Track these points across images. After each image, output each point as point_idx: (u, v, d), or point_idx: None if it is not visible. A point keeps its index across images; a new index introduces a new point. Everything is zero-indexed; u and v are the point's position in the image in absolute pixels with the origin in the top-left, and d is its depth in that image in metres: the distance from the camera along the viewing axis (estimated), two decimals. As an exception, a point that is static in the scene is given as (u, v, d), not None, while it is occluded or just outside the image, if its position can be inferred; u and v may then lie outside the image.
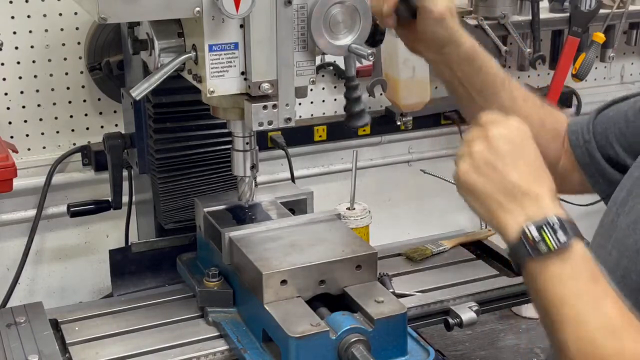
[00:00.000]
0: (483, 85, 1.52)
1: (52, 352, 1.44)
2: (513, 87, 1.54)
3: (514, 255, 1.15)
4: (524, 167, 1.19)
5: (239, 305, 1.55)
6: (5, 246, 2.10)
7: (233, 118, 1.50)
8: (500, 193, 1.17)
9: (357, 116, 1.51)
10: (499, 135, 1.20)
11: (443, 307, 1.64)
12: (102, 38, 1.94)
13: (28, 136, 2.04)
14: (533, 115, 1.53)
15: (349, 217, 1.96)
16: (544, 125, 1.55)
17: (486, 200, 1.18)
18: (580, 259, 1.12)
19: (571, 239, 1.12)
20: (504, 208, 1.17)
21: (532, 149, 1.21)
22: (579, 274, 1.12)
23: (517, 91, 1.55)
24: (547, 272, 1.12)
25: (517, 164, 1.18)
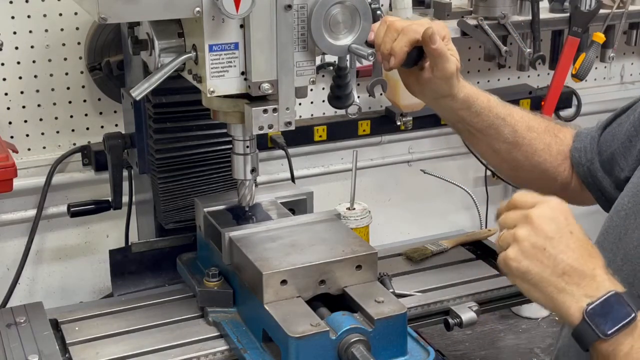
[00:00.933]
0: (483, 125, 1.55)
1: (52, 352, 1.44)
2: (516, 120, 1.56)
3: (581, 337, 1.15)
4: (574, 246, 1.18)
5: (239, 305, 1.55)
6: (5, 246, 2.10)
7: (233, 122, 1.50)
8: (555, 276, 1.16)
9: (344, 98, 1.54)
10: (542, 216, 1.18)
11: (443, 307, 1.63)
12: (102, 38, 1.95)
13: (28, 136, 2.04)
14: (537, 144, 1.57)
15: (349, 217, 1.97)
16: (550, 150, 1.58)
17: (543, 285, 1.17)
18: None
19: (634, 312, 1.13)
20: (563, 291, 1.16)
21: (576, 226, 1.20)
22: None
23: (520, 123, 1.56)
24: (617, 350, 1.13)
25: (567, 244, 1.17)
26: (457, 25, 2.24)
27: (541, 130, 1.59)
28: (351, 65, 1.51)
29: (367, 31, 1.42)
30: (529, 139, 1.57)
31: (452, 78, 1.47)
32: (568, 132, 1.62)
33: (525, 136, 1.57)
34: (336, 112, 2.36)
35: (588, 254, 1.18)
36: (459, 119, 1.56)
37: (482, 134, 1.56)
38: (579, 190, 1.60)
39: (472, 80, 2.52)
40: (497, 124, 1.54)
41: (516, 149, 1.57)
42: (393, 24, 1.43)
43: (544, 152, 1.58)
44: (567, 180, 1.60)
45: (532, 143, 1.57)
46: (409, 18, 2.21)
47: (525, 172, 1.61)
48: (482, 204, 2.52)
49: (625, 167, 1.49)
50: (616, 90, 2.76)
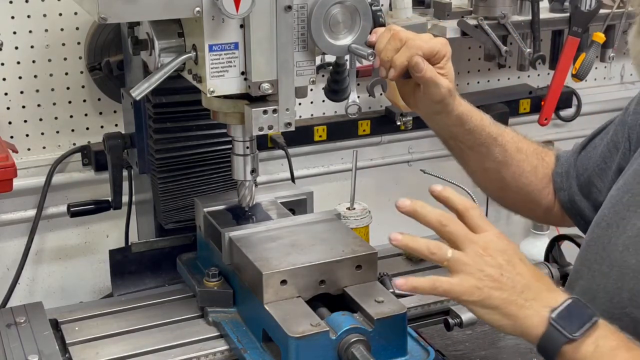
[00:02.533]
0: (475, 143, 1.55)
1: (52, 352, 1.44)
2: (507, 140, 1.57)
3: (546, 346, 1.17)
4: (525, 269, 1.22)
5: (239, 305, 1.55)
6: (5, 246, 2.10)
7: (233, 122, 1.50)
8: (515, 295, 1.19)
9: (340, 92, 1.55)
10: (491, 249, 1.22)
11: (443, 307, 1.63)
12: (102, 38, 1.95)
13: (28, 136, 2.04)
14: (525, 166, 1.59)
15: (349, 217, 1.96)
16: (536, 173, 1.60)
17: (504, 306, 1.20)
18: (610, 332, 1.16)
19: (596, 314, 1.16)
20: (523, 307, 1.19)
21: (520, 253, 1.25)
22: (615, 347, 1.15)
23: (510, 144, 1.57)
24: (584, 351, 1.15)
25: (520, 270, 1.21)
26: (457, 25, 2.24)
27: (529, 153, 1.60)
28: (351, 65, 1.51)
29: (367, 31, 1.42)
30: (518, 160, 1.58)
31: (443, 101, 1.45)
32: (550, 155, 1.64)
33: (514, 157, 1.58)
34: (336, 112, 2.36)
35: (540, 275, 1.24)
36: (452, 135, 1.56)
37: (473, 151, 1.57)
38: (561, 215, 1.62)
39: (472, 80, 2.54)
40: (489, 142, 1.55)
41: (505, 169, 1.58)
42: (397, 34, 1.40)
43: (531, 175, 1.59)
44: (551, 205, 1.62)
45: (520, 164, 1.58)
46: (409, 18, 2.21)
47: (512, 193, 1.62)
48: (482, 204, 2.52)
49: (602, 188, 1.51)
50: (616, 90, 2.76)
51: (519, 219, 2.67)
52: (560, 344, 1.16)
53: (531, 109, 2.57)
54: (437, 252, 1.23)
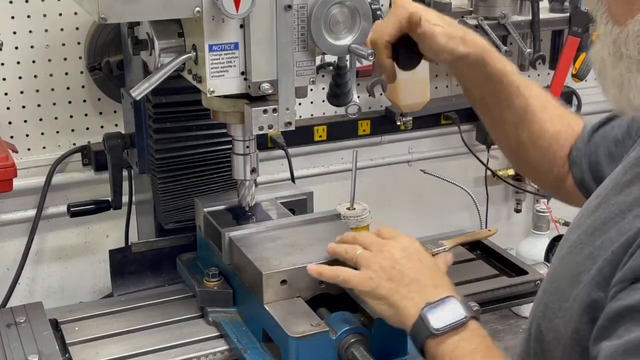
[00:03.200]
0: (494, 90, 1.46)
1: (52, 352, 1.44)
2: (532, 94, 1.47)
3: (414, 337, 1.22)
4: (420, 267, 1.29)
5: (239, 305, 1.55)
6: (5, 246, 2.10)
7: (233, 122, 1.50)
8: (401, 286, 1.26)
9: (342, 97, 1.57)
10: (394, 246, 1.32)
11: (443, 307, 1.63)
12: (102, 38, 1.94)
13: (28, 136, 2.04)
14: (548, 127, 1.49)
15: (349, 217, 1.96)
16: (557, 138, 1.50)
17: (389, 295, 1.26)
18: (475, 336, 1.19)
19: (466, 318, 1.19)
20: (406, 297, 1.25)
21: (426, 257, 1.33)
22: (474, 350, 1.17)
23: (535, 98, 1.48)
24: (444, 348, 1.18)
25: (414, 265, 1.29)
26: (457, 25, 2.24)
27: (555, 115, 1.49)
28: (351, 65, 1.51)
29: (367, 31, 1.42)
30: (540, 118, 1.48)
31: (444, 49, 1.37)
32: (581, 125, 1.51)
33: (537, 114, 1.47)
34: (336, 112, 2.36)
35: (435, 274, 1.29)
36: (471, 83, 1.47)
37: (494, 99, 1.47)
38: (572, 191, 1.51)
39: (472, 80, 2.53)
40: (509, 91, 1.45)
41: (524, 124, 1.48)
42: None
43: (552, 138, 1.49)
44: (563, 177, 1.51)
45: (542, 124, 1.48)
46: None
47: (527, 152, 1.52)
48: (482, 204, 2.52)
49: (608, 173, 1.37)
50: (616, 90, 2.75)
51: (519, 220, 2.68)
52: (425, 336, 1.19)
53: (531, 109, 2.57)
54: (350, 251, 1.36)
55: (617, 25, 1.02)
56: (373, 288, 1.28)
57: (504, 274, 1.79)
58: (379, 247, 1.33)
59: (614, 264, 0.97)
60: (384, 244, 1.33)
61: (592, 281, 0.99)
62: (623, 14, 1.00)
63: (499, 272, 1.80)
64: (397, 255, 1.30)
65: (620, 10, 1.01)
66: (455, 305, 1.21)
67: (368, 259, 1.31)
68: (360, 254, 1.34)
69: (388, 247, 1.32)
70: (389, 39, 1.37)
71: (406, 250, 1.31)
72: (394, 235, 1.37)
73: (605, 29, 1.05)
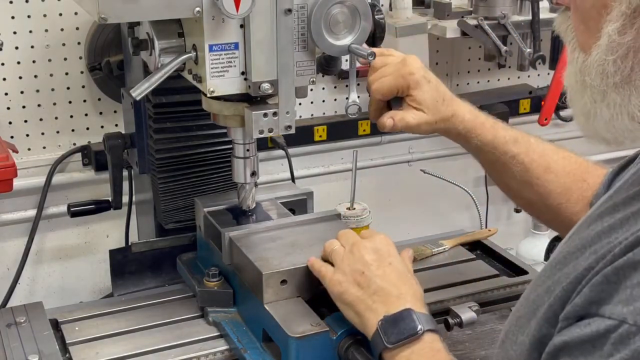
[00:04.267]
0: (488, 160, 1.49)
1: (52, 352, 1.44)
2: (531, 158, 1.47)
3: (373, 349, 1.25)
4: (389, 272, 1.30)
5: (239, 305, 1.55)
6: (5, 246, 2.10)
7: (233, 125, 1.50)
8: (367, 295, 1.28)
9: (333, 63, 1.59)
10: (365, 247, 1.33)
11: (443, 307, 1.63)
12: (102, 38, 1.94)
13: (28, 136, 2.04)
14: (554, 187, 1.47)
15: (349, 217, 1.96)
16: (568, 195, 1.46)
17: (356, 304, 1.29)
18: (428, 349, 1.21)
19: (420, 331, 1.21)
20: (369, 308, 1.27)
21: (397, 257, 1.34)
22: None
23: (536, 162, 1.47)
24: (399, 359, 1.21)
25: (383, 271, 1.30)
26: (457, 25, 2.24)
27: (561, 173, 1.47)
28: (351, 65, 1.51)
29: (367, 31, 1.43)
30: (543, 180, 1.47)
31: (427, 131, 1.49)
32: (601, 175, 1.42)
33: (539, 177, 1.47)
34: (336, 112, 2.36)
35: (402, 281, 1.30)
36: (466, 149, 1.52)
37: (490, 167, 1.52)
38: None
39: (472, 80, 2.54)
40: (504, 161, 1.47)
41: (528, 188, 1.48)
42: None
43: (561, 196, 1.46)
44: None
45: (546, 185, 1.47)
46: (409, 18, 2.21)
47: (538, 211, 1.53)
48: (482, 204, 2.52)
49: None
50: (616, 90, 2.75)
51: (519, 220, 2.68)
52: (380, 349, 1.23)
53: (531, 109, 2.56)
54: (329, 245, 1.39)
55: (583, 53, 1.02)
56: (341, 292, 1.31)
57: (504, 274, 1.79)
58: (351, 247, 1.35)
59: (563, 300, 0.95)
60: (356, 243, 1.35)
61: (544, 316, 0.98)
62: (587, 42, 1.00)
63: (499, 272, 1.80)
64: (368, 258, 1.32)
65: (584, 39, 1.02)
66: (411, 319, 1.23)
67: (341, 259, 1.34)
68: (335, 250, 1.37)
69: (360, 247, 1.34)
70: (382, 99, 1.50)
71: (378, 253, 1.33)
72: (369, 235, 1.39)
73: (572, 56, 1.05)
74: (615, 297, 0.89)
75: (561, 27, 1.11)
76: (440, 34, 2.25)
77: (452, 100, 1.49)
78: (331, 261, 1.37)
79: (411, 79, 1.46)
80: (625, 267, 0.89)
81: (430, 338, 1.22)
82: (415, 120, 1.47)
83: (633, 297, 0.87)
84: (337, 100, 2.36)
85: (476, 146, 1.49)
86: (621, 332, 0.86)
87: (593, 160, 1.51)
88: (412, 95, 1.46)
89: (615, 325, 0.87)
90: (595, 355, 0.88)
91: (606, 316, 0.89)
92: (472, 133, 1.48)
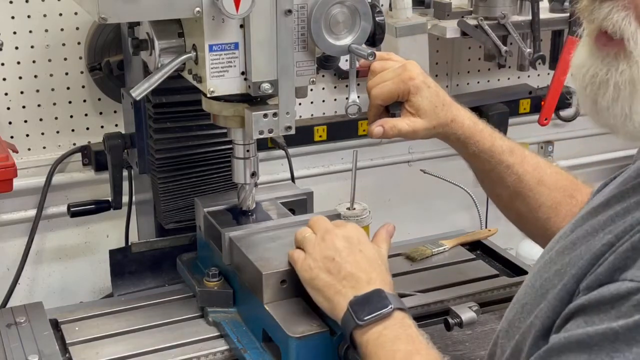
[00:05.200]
0: (483, 168, 1.51)
1: (52, 352, 1.44)
2: (525, 170, 1.48)
3: (343, 328, 1.26)
4: (359, 258, 1.32)
5: (239, 305, 1.55)
6: (5, 246, 2.10)
7: (233, 126, 1.50)
8: (337, 280, 1.30)
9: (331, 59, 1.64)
10: (337, 235, 1.35)
11: (443, 307, 1.63)
12: (102, 38, 1.95)
13: (28, 136, 2.04)
14: (544, 200, 1.49)
15: (349, 217, 1.96)
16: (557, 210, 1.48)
17: (326, 289, 1.31)
18: (399, 325, 1.23)
19: (391, 308, 1.23)
20: (339, 293, 1.28)
21: (369, 247, 1.35)
22: (396, 337, 1.21)
23: (529, 174, 1.49)
24: (369, 337, 1.22)
25: (354, 258, 1.32)
26: (457, 25, 2.24)
27: (554, 187, 1.49)
28: (351, 65, 1.51)
29: (367, 31, 1.42)
30: (536, 192, 1.49)
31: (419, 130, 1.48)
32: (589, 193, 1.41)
33: (532, 189, 1.49)
34: (336, 112, 2.36)
35: (372, 268, 1.31)
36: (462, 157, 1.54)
37: (484, 175, 1.53)
38: None
39: (472, 80, 2.54)
40: (499, 170, 1.49)
41: (519, 199, 1.50)
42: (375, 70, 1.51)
43: (550, 210, 1.48)
44: None
45: (538, 198, 1.49)
46: (409, 18, 2.21)
47: (526, 223, 1.55)
48: (482, 204, 2.52)
49: None
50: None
51: (519, 219, 2.68)
52: (351, 327, 1.24)
53: (531, 109, 2.56)
54: (300, 233, 1.40)
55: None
56: (312, 278, 1.33)
57: (504, 274, 1.79)
58: (323, 233, 1.36)
59: (579, 278, 0.95)
60: (328, 231, 1.36)
61: (557, 296, 0.97)
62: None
63: (499, 272, 1.80)
64: (339, 245, 1.33)
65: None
66: (381, 297, 1.25)
67: (312, 246, 1.35)
68: (306, 237, 1.38)
69: (332, 235, 1.35)
70: (382, 104, 1.50)
71: (349, 241, 1.34)
72: (341, 224, 1.41)
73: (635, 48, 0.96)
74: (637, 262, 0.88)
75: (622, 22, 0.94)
76: (440, 34, 2.25)
77: (452, 106, 1.50)
78: (303, 248, 1.38)
79: (411, 84, 1.47)
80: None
81: (401, 315, 1.24)
82: (410, 127, 1.48)
83: None
84: (337, 100, 2.36)
85: (473, 153, 1.49)
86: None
87: (581, 179, 1.53)
88: (410, 101, 1.47)
89: (638, 287, 0.86)
90: (611, 315, 0.87)
91: (628, 279, 0.88)
92: (471, 139, 1.49)
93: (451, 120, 1.48)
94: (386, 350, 1.19)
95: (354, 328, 1.24)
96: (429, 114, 1.47)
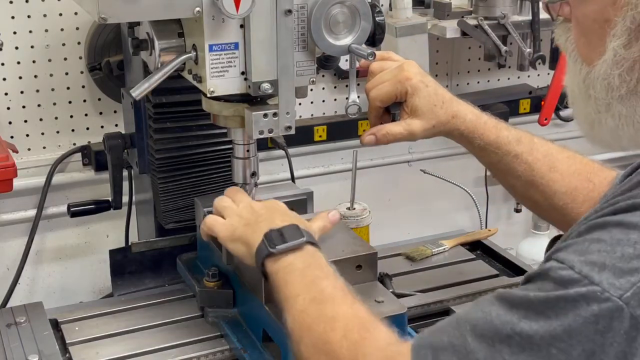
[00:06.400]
0: (492, 160, 1.50)
1: (52, 352, 1.44)
2: (535, 158, 1.47)
3: (256, 258, 1.29)
4: (277, 211, 1.39)
5: (239, 305, 1.55)
6: (5, 246, 2.10)
7: (233, 126, 1.50)
8: (254, 222, 1.35)
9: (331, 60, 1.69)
10: (255, 203, 1.42)
11: (443, 307, 1.64)
12: (102, 38, 1.94)
13: (28, 136, 2.04)
14: (558, 187, 1.47)
15: (349, 217, 1.96)
16: (574, 195, 1.46)
17: (243, 232, 1.35)
18: (309, 256, 1.26)
19: (303, 241, 1.27)
20: (256, 231, 1.32)
21: (286, 210, 1.41)
22: (306, 266, 1.24)
23: (540, 162, 1.47)
24: (280, 265, 1.25)
25: (269, 211, 1.38)
26: (457, 25, 2.24)
27: (567, 172, 1.47)
28: (351, 65, 1.51)
29: (367, 31, 1.43)
30: (548, 179, 1.46)
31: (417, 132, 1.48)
32: (609, 176, 1.45)
33: (543, 176, 1.46)
34: (336, 112, 2.36)
35: (287, 217, 1.36)
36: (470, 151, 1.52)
37: (494, 168, 1.52)
38: None
39: (472, 80, 2.54)
40: (508, 160, 1.47)
41: (532, 188, 1.48)
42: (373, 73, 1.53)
43: (566, 196, 1.46)
44: None
45: (550, 185, 1.46)
46: (408, 18, 2.21)
47: (544, 211, 1.53)
48: (482, 204, 2.52)
49: None
50: (616, 90, 2.75)
51: (519, 220, 2.68)
52: (263, 255, 1.27)
53: (531, 109, 2.56)
54: (219, 202, 1.44)
55: (586, 65, 1.04)
56: (232, 232, 1.37)
57: (504, 274, 1.79)
58: (244, 204, 1.41)
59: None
60: (249, 201, 1.43)
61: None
62: (589, 55, 1.02)
63: (499, 272, 1.80)
64: (257, 207, 1.39)
65: (586, 52, 1.04)
66: (294, 230, 1.28)
67: (233, 211, 1.40)
68: (227, 206, 1.42)
69: (252, 203, 1.42)
70: (381, 105, 1.51)
71: (266, 206, 1.40)
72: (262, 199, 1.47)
73: (575, 67, 1.07)
74: (573, 246, 0.95)
75: (561, 38, 1.11)
76: (440, 34, 2.25)
77: (453, 102, 1.49)
78: (223, 216, 1.41)
79: (408, 84, 1.47)
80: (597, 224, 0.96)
81: (313, 249, 1.28)
82: (406, 130, 1.48)
83: (588, 250, 0.93)
84: (337, 100, 2.35)
85: (479, 146, 1.49)
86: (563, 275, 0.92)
87: (598, 161, 1.50)
88: (408, 102, 1.48)
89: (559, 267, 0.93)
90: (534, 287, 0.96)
91: (558, 259, 0.95)
92: (475, 133, 1.48)
93: (452, 117, 1.48)
94: (295, 276, 1.23)
95: (266, 256, 1.27)
96: (427, 113, 1.47)
